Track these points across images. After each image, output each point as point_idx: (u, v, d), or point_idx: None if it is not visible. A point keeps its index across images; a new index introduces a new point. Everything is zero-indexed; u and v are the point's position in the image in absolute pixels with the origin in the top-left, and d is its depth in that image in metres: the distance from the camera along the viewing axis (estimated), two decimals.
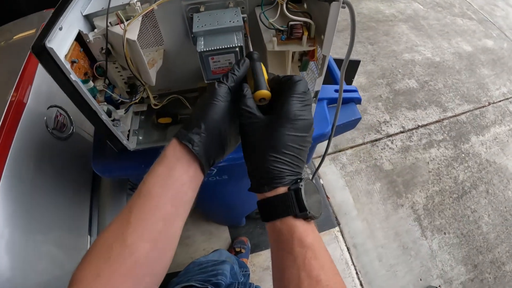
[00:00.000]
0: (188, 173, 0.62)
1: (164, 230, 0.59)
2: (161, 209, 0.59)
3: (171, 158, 0.62)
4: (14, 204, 1.17)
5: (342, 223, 2.52)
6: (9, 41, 1.84)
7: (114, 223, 0.58)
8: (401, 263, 2.37)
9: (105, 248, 0.55)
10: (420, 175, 2.80)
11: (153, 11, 0.82)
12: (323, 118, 1.12)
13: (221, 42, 0.74)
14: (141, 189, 0.60)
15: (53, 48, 0.63)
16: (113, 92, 0.89)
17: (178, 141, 0.63)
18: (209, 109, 0.64)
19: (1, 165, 1.18)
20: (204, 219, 2.52)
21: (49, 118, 1.42)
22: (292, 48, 0.79)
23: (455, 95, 3.41)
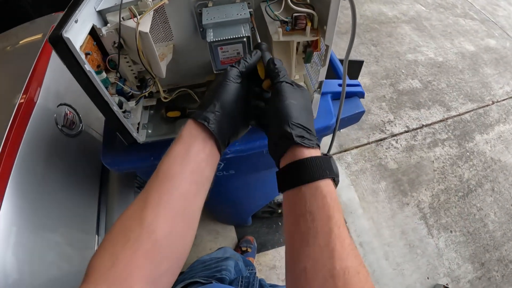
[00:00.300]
0: (204, 150, 0.64)
1: (184, 209, 0.59)
2: (179, 188, 0.59)
3: (187, 137, 0.64)
4: (22, 201, 1.18)
5: (348, 222, 2.53)
6: (16, 46, 1.86)
7: (132, 206, 0.58)
8: (408, 262, 2.38)
9: (123, 231, 0.54)
10: (425, 173, 2.81)
11: (163, 7, 0.85)
12: (328, 111, 1.14)
13: (230, 33, 0.77)
14: (159, 170, 0.61)
15: (69, 38, 0.65)
16: (124, 85, 0.92)
17: (194, 121, 0.65)
18: (222, 89, 0.67)
19: (11, 161, 1.19)
20: (211, 219, 2.53)
21: (58, 115, 1.44)
22: (296, 38, 0.81)
23: (459, 94, 3.42)
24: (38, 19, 2.07)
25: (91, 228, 1.50)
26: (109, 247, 0.53)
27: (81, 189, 1.51)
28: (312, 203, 0.57)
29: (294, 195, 0.60)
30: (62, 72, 1.56)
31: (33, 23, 2.06)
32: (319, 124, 1.10)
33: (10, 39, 1.94)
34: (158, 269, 0.54)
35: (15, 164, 1.19)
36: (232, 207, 2.11)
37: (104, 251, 0.53)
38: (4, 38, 1.98)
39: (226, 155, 1.08)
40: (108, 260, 0.51)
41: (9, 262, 1.08)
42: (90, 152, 1.61)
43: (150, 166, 1.09)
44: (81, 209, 1.48)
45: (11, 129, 1.24)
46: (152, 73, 0.90)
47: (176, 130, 1.07)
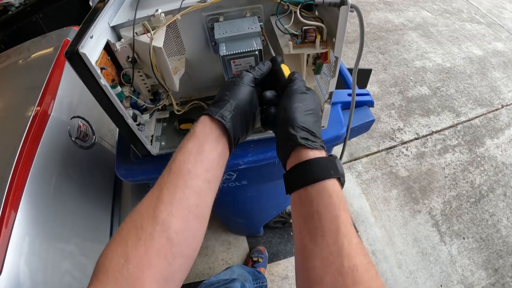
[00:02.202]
0: (217, 149, 0.65)
1: (196, 207, 0.59)
2: (192, 185, 0.59)
3: (201, 134, 0.64)
4: (37, 211, 1.20)
5: (360, 231, 2.52)
6: (28, 59, 1.90)
7: (143, 203, 0.58)
8: (421, 269, 2.35)
9: (135, 229, 0.54)
10: (436, 180, 2.79)
11: (175, 22, 0.87)
12: (338, 120, 1.14)
13: (242, 47, 0.79)
14: (171, 167, 0.61)
15: (85, 54, 0.67)
16: (138, 98, 0.93)
17: (209, 118, 0.66)
18: (238, 90, 0.69)
19: (26, 172, 1.22)
20: (223, 230, 2.53)
21: (72, 128, 1.47)
22: (306, 51, 0.83)
23: (468, 100, 3.40)
24: (50, 33, 2.11)
25: (104, 238, 1.52)
26: (120, 246, 0.53)
27: (94, 199, 1.54)
28: (318, 203, 0.58)
29: (301, 196, 0.61)
30: (74, 84, 1.61)
31: (44, 37, 2.10)
32: (330, 134, 1.11)
33: (22, 53, 1.99)
34: (171, 266, 0.54)
35: (30, 175, 1.22)
36: (244, 218, 2.11)
37: (114, 249, 0.53)
38: (17, 52, 2.03)
39: (239, 166, 1.09)
40: (119, 259, 0.51)
41: (23, 271, 1.10)
42: (103, 163, 1.64)
43: None
44: (94, 218, 1.50)
45: (26, 141, 1.27)
46: (165, 86, 0.91)
47: None
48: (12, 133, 1.35)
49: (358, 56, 0.84)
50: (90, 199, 1.50)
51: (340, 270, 0.52)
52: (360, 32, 0.76)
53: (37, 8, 3.92)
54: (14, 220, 1.12)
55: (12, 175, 1.17)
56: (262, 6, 0.88)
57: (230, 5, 0.87)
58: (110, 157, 1.68)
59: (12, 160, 1.20)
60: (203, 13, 0.87)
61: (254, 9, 0.88)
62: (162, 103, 0.98)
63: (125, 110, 0.85)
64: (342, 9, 0.70)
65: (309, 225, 0.58)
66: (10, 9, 3.99)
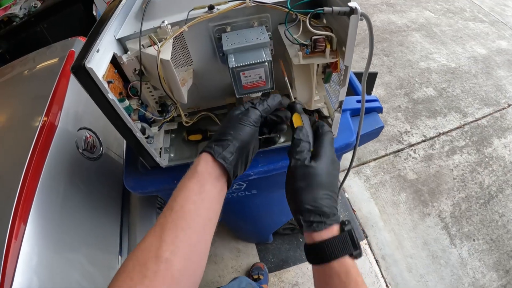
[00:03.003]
0: (216, 188, 0.67)
1: (196, 245, 0.61)
2: (194, 225, 0.61)
3: (202, 173, 0.66)
4: (46, 222, 1.20)
5: (370, 235, 2.50)
6: (33, 70, 1.91)
7: (146, 241, 0.59)
8: (431, 273, 2.33)
9: (139, 267, 0.55)
10: (445, 182, 2.77)
11: (182, 33, 0.86)
12: (347, 128, 1.13)
13: (251, 58, 0.77)
14: (173, 206, 0.62)
15: (92, 68, 0.66)
16: (146, 110, 0.92)
17: (211, 157, 0.67)
18: (243, 130, 0.70)
19: (34, 184, 1.21)
20: (232, 237, 2.52)
21: (79, 139, 1.47)
22: (316, 61, 0.81)
23: (474, 100, 3.38)
24: (54, 44, 2.12)
25: (114, 248, 1.51)
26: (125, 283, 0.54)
27: (103, 210, 1.53)
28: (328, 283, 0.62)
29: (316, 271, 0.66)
30: (80, 94, 1.60)
31: (49, 47, 2.11)
32: (340, 142, 1.10)
33: (28, 64, 2.00)
34: None
35: (38, 187, 1.21)
36: (253, 225, 2.10)
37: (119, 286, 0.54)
38: (22, 63, 2.04)
39: (249, 176, 1.09)
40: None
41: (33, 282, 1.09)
42: (111, 174, 1.63)
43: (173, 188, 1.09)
44: (103, 229, 1.49)
45: (34, 152, 1.27)
46: (173, 98, 0.90)
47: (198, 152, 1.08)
48: (19, 145, 1.35)
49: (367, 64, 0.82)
50: (99, 210, 1.49)
51: None
52: (369, 41, 0.75)
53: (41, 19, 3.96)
54: (24, 232, 1.12)
55: (20, 188, 1.17)
56: (269, 15, 0.87)
57: (237, 15, 0.85)
58: (118, 168, 1.68)
59: (21, 173, 1.20)
60: (210, 23, 0.86)
61: (261, 19, 0.87)
62: (171, 116, 0.97)
63: (133, 123, 0.84)
64: (352, 18, 0.68)
65: None
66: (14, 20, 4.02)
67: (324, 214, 0.64)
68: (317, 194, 0.66)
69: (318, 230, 0.63)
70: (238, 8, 0.82)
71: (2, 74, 2.03)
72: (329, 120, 1.02)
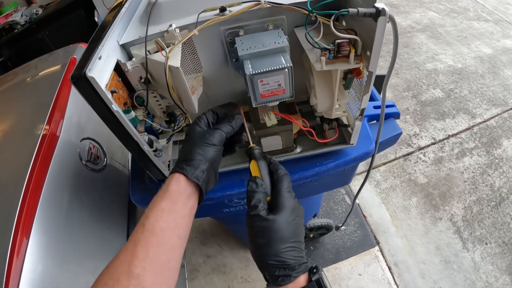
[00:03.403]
0: (188, 205, 0.69)
1: (167, 261, 0.63)
2: (164, 242, 0.63)
3: (174, 193, 0.68)
4: (49, 236, 1.17)
5: (382, 242, 2.45)
6: (35, 77, 1.88)
7: (119, 257, 0.61)
8: (444, 278, 2.28)
9: (111, 280, 0.57)
10: (455, 185, 2.72)
11: (191, 38, 0.80)
12: (366, 136, 1.08)
13: (270, 64, 0.71)
14: (145, 224, 0.64)
15: (94, 78, 0.61)
16: (153, 121, 0.87)
17: (184, 177, 0.69)
18: (211, 152, 0.74)
19: (36, 198, 1.18)
20: (240, 246, 2.47)
21: (82, 150, 1.43)
22: (340, 67, 0.75)
23: (482, 100, 3.33)
24: (56, 51, 2.11)
25: None
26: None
27: (108, 223, 1.50)
28: None
29: None
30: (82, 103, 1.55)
31: (51, 54, 2.10)
32: (359, 151, 1.05)
33: (30, 71, 1.98)
34: None
35: (40, 201, 1.18)
36: None
37: None
38: (24, 70, 2.03)
39: None
40: None
41: None
42: (116, 186, 1.60)
43: None
44: (109, 243, 1.45)
45: (35, 164, 1.24)
46: (183, 108, 0.85)
47: None
48: (20, 156, 1.31)
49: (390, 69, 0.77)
50: (103, 222, 1.45)
51: None
52: (394, 44, 0.71)
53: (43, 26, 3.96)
54: (27, 247, 1.09)
55: (22, 200, 1.14)
56: (285, 18, 0.81)
57: (250, 18, 0.80)
58: (123, 179, 1.64)
59: (22, 185, 1.17)
60: (222, 27, 0.81)
61: (277, 21, 0.81)
62: (180, 127, 0.91)
63: (140, 136, 0.79)
64: (380, 20, 0.64)
65: None
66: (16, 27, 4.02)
67: (289, 267, 0.63)
68: (279, 249, 0.64)
69: (283, 284, 0.63)
70: (252, 10, 0.76)
71: (4, 82, 2.02)
72: (349, 129, 0.96)
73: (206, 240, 2.54)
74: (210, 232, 2.58)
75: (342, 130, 1.03)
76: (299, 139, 1.05)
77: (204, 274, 2.39)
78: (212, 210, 1.24)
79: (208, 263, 2.43)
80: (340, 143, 1.01)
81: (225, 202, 1.14)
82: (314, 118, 1.03)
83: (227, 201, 1.14)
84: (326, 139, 0.99)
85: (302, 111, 1.05)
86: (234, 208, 1.21)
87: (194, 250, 2.51)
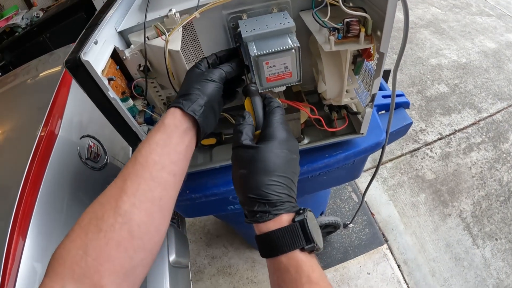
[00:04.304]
0: (184, 142, 0.64)
1: (160, 199, 0.58)
2: (157, 178, 0.58)
3: (170, 126, 0.63)
4: (47, 237, 1.14)
5: (390, 240, 2.42)
6: (36, 78, 1.87)
7: (105, 193, 0.56)
8: (455, 276, 2.24)
9: (95, 219, 0.52)
10: (464, 181, 2.68)
11: (192, 22, 0.77)
12: (376, 126, 1.04)
13: (275, 45, 0.67)
14: (137, 157, 0.59)
15: (89, 61, 0.58)
16: (153, 112, 0.83)
17: (180, 111, 0.64)
18: (209, 86, 0.68)
19: (33, 197, 1.15)
20: (246, 247, 2.45)
21: (82, 148, 1.40)
22: (350, 47, 0.71)
23: (487, 95, 3.30)
24: (56, 51, 2.12)
25: None
26: (79, 237, 0.51)
27: None
28: (279, 277, 0.57)
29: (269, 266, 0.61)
30: (84, 102, 1.55)
31: (51, 54, 2.11)
32: (369, 141, 1.01)
33: (30, 72, 1.98)
34: (132, 260, 0.52)
35: (37, 201, 1.16)
36: None
37: (73, 241, 0.51)
38: (25, 71, 2.02)
39: None
40: (77, 250, 0.49)
41: None
42: None
43: (187, 199, 1.02)
44: None
45: (32, 163, 1.21)
46: None
47: (213, 159, 0.99)
48: (18, 155, 1.30)
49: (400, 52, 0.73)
50: None
51: None
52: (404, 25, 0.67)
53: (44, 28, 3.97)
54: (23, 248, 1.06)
55: (18, 201, 1.11)
56: (290, 1, 0.78)
57: (254, 1, 0.76)
58: None
59: (18, 185, 1.15)
60: (224, 11, 0.77)
61: (281, 4, 0.77)
62: None
63: (138, 126, 0.76)
64: None
65: None
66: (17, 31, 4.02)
67: (269, 203, 0.59)
68: (261, 181, 0.60)
69: (261, 221, 0.59)
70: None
71: (5, 83, 2.02)
72: (359, 117, 0.92)
73: (211, 241, 2.52)
74: (215, 233, 2.56)
75: (351, 119, 0.99)
76: (307, 130, 1.01)
77: (209, 276, 2.36)
78: (216, 207, 1.20)
79: (213, 264, 2.41)
80: (350, 133, 0.97)
81: (230, 198, 1.10)
82: (321, 108, 1.00)
83: (232, 197, 1.10)
84: (336, 128, 0.94)
85: (309, 102, 1.01)
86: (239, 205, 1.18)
87: (199, 251, 2.48)
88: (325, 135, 0.98)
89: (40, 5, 4.41)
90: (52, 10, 4.18)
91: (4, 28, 4.00)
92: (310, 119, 0.92)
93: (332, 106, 0.94)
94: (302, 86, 1.01)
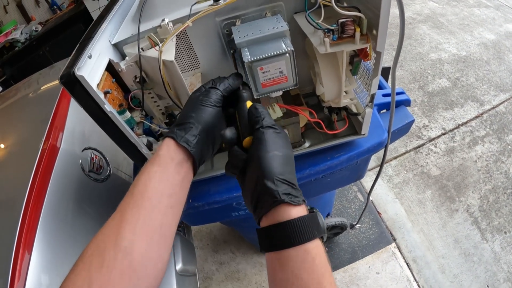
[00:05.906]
0: (180, 173, 0.63)
1: (160, 226, 0.58)
2: (154, 209, 0.58)
3: (165, 158, 0.62)
4: (53, 249, 1.14)
5: (398, 238, 2.40)
6: (37, 92, 1.89)
7: (106, 227, 0.56)
8: (465, 272, 2.22)
9: (98, 252, 0.52)
10: (470, 175, 2.66)
11: (186, 31, 0.76)
12: (377, 125, 1.03)
13: (269, 50, 0.66)
14: (133, 191, 0.60)
15: (83, 76, 0.57)
16: (151, 123, 0.83)
17: (174, 141, 0.63)
18: (204, 112, 0.66)
19: (38, 211, 1.16)
20: (254, 251, 2.43)
21: (84, 160, 1.41)
22: (345, 48, 0.70)
23: (489, 87, 3.28)
24: (57, 63, 2.16)
25: None
26: (83, 270, 0.51)
27: None
28: (300, 267, 0.54)
29: (280, 258, 0.56)
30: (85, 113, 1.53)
31: (52, 67, 2.14)
32: (371, 141, 1.00)
33: (31, 85, 2.01)
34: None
35: (42, 214, 1.17)
36: None
37: (78, 274, 0.51)
38: (26, 85, 2.05)
39: None
40: (82, 282, 0.49)
41: None
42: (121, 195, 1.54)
43: (189, 208, 1.01)
44: None
45: (35, 177, 1.22)
46: (181, 107, 0.81)
47: (214, 166, 0.98)
48: (21, 169, 1.31)
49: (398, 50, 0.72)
50: None
51: None
52: (400, 21, 0.65)
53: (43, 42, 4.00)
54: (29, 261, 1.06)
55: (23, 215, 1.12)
56: (283, 4, 0.77)
57: (247, 6, 0.76)
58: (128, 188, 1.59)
59: (22, 199, 1.15)
60: (217, 17, 0.77)
61: (275, 8, 0.77)
62: None
63: (137, 138, 0.76)
64: None
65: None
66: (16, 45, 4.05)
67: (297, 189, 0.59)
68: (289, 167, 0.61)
69: (295, 203, 0.56)
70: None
71: (7, 97, 2.04)
72: (359, 118, 0.91)
73: (218, 247, 2.51)
74: (222, 238, 2.55)
75: (352, 120, 0.98)
76: (307, 133, 1.00)
77: (218, 282, 2.35)
78: (220, 214, 1.19)
79: (221, 270, 2.40)
80: (351, 134, 0.96)
81: (234, 205, 1.09)
82: (321, 111, 0.99)
83: (236, 204, 1.09)
84: (336, 130, 0.93)
85: (309, 104, 1.01)
86: (244, 211, 1.17)
87: (206, 257, 2.47)
88: (326, 137, 0.97)
89: (38, 19, 4.44)
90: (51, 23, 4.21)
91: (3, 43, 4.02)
92: (310, 122, 0.91)
93: (331, 107, 0.93)
94: (301, 88, 1.00)
